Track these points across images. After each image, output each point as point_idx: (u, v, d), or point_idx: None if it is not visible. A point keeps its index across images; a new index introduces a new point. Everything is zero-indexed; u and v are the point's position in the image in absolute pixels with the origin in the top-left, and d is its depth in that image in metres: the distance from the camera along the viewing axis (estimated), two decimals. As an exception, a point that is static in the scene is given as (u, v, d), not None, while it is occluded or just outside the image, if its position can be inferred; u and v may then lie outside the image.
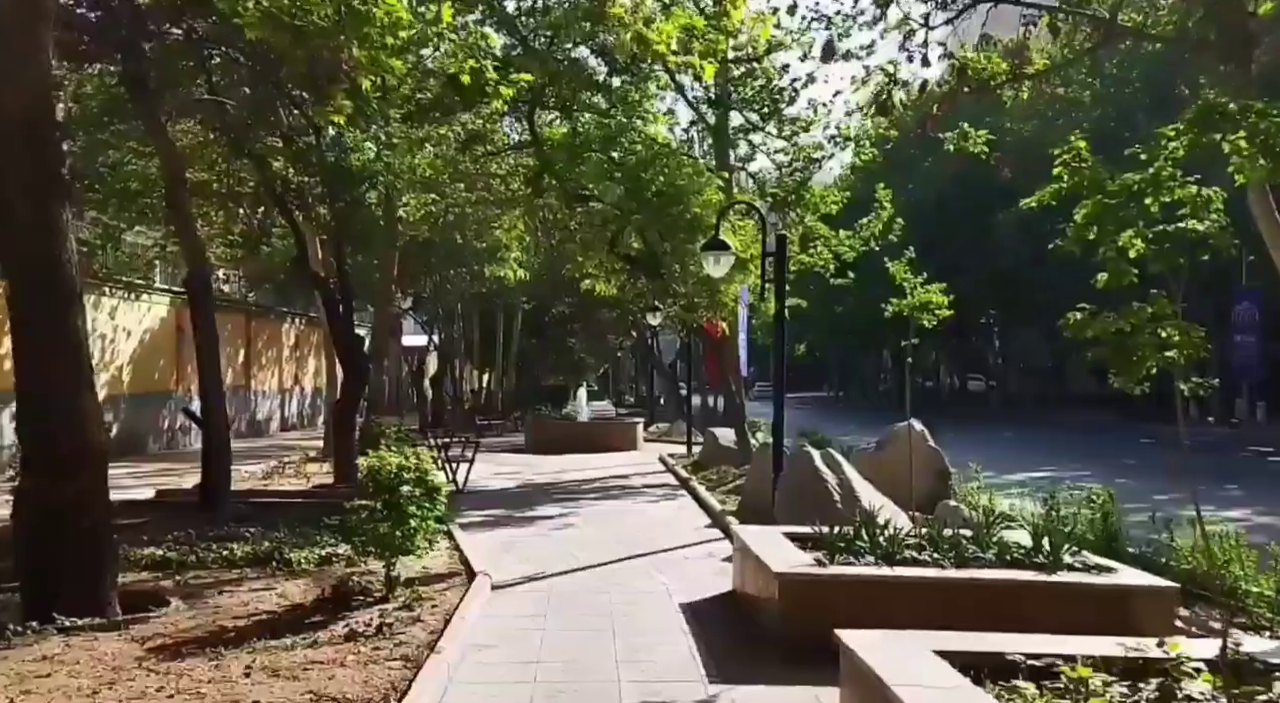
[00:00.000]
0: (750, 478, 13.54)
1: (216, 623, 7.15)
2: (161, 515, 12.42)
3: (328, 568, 9.03)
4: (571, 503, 14.47)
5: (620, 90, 15.86)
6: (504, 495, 15.48)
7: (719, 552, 10.48)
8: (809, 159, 20.55)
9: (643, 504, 14.50)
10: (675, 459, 20.09)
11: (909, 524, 10.54)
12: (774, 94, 19.06)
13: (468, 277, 27.58)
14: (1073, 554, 6.97)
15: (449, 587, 8.43)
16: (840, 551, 7.18)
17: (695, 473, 17.27)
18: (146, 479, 16.89)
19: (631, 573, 9.31)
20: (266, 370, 31.42)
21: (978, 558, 7.00)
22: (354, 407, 15.66)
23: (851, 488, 10.50)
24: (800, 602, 6.68)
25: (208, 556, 9.41)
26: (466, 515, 13.06)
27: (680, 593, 8.45)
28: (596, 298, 31.17)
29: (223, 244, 22.34)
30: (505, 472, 18.98)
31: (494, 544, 10.82)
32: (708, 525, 12.35)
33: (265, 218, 20.07)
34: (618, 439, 24.41)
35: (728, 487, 15.45)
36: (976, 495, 13.10)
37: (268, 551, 9.48)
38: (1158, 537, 9.04)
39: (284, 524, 10.93)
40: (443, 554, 9.88)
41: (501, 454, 23.11)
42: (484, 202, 23.10)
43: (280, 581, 8.61)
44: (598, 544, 10.88)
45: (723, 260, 12.26)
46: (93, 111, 14.46)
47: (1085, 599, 6.50)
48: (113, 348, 22.03)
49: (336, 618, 7.30)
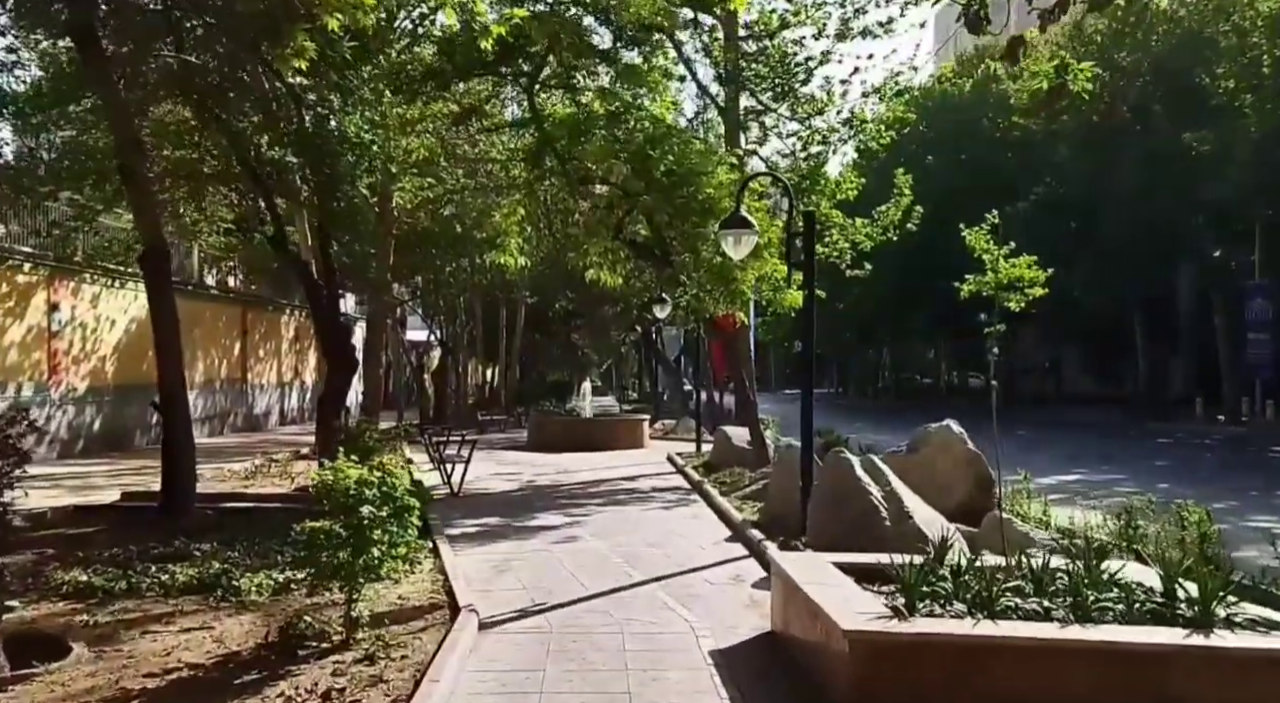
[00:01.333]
0: (773, 484, 11.73)
1: (120, 683, 5.35)
2: (116, 524, 10.70)
3: (283, 599, 7.23)
4: (576, 510, 12.65)
5: (626, 62, 14.03)
6: (502, 500, 13.67)
7: (747, 574, 8.68)
8: (824, 142, 18.74)
9: (654, 511, 12.69)
10: (684, 459, 18.26)
11: (963, 544, 8.78)
12: (789, 70, 17.21)
13: (468, 267, 25.71)
14: (1227, 605, 5.16)
15: (427, 626, 6.62)
16: (921, 594, 5.37)
17: (708, 475, 15.45)
18: (121, 478, 15.10)
19: (647, 604, 7.50)
20: (264, 363, 29.59)
21: (1100, 608, 5.19)
22: (339, 402, 13.89)
23: (900, 502, 8.69)
24: (878, 668, 4.88)
25: (143, 581, 7.60)
26: (459, 524, 11.25)
27: (708, 634, 6.64)
28: (600, 292, 29.52)
29: (215, 232, 20.52)
30: (505, 472, 17.16)
31: (486, 564, 9.01)
32: (728, 539, 10.53)
33: (258, 202, 18.22)
34: (623, 437, 22.56)
35: (744, 491, 13.64)
36: (1025, 505, 11.30)
37: (215, 575, 7.67)
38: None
39: (247, 536, 9.16)
40: (425, 579, 8.07)
41: (503, 452, 21.30)
42: (483, 188, 21.30)
43: (222, 617, 6.81)
44: (606, 564, 9.07)
45: (744, 240, 10.41)
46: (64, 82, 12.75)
47: (1264, 671, 4.69)
48: (95, 338, 20.20)
49: (278, 674, 5.51)
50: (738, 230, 10.26)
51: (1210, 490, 14.55)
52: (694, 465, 17.09)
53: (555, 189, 16.92)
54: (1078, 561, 6.00)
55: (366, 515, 6.03)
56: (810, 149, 18.87)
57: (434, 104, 16.58)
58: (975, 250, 6.41)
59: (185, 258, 24.93)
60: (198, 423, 24.80)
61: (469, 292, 31.32)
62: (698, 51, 18.63)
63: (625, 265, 17.70)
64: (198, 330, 24.95)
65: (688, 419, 29.26)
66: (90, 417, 19.96)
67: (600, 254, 17.02)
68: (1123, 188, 30.95)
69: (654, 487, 15.17)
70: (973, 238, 6.53)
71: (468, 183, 21.50)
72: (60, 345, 19.14)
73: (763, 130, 19.08)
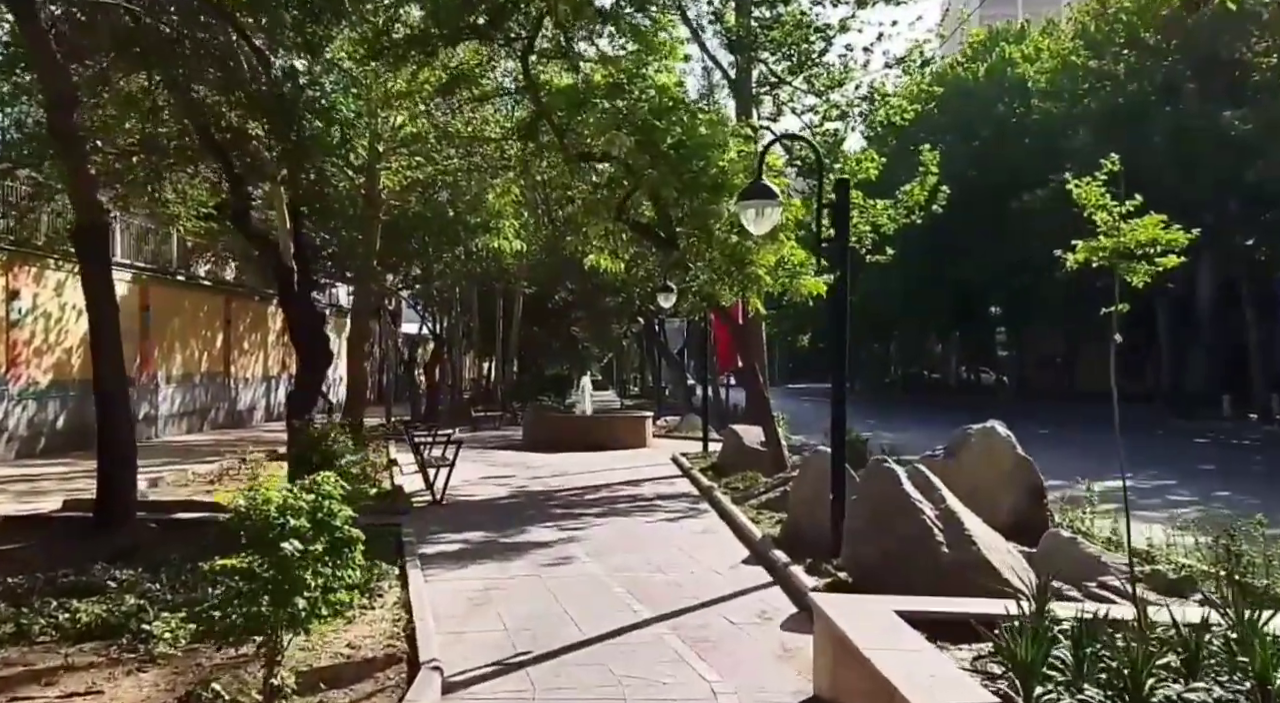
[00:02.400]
0: (795, 494, 10.22)
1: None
2: (45, 539, 9.30)
3: (203, 648, 5.75)
4: (572, 521, 11.19)
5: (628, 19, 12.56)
6: (490, 509, 12.23)
7: (773, 608, 7.23)
8: (842, 117, 17.26)
9: (659, 524, 11.23)
10: (691, 461, 16.77)
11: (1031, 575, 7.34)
12: (806, 35, 15.71)
13: (462, 254, 24.20)
14: None
15: (376, 690, 5.18)
16: (1035, 674, 3.91)
17: (717, 480, 13.97)
18: (75, 483, 13.66)
19: (654, 653, 6.05)
20: (249, 356, 28.16)
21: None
22: (310, 400, 12.45)
23: (959, 524, 7.22)
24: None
25: (36, 623, 6.15)
26: (437, 540, 9.81)
27: (733, 699, 5.19)
28: (601, 282, 28.03)
29: (193, 216, 19.01)
30: (497, 474, 15.69)
31: (463, 594, 7.55)
32: (746, 560, 9.06)
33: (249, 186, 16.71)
34: (625, 435, 21.06)
35: (759, 499, 12.18)
36: (1087, 520, 9.82)
37: (126, 614, 6.23)
38: None
39: (182, 557, 7.70)
40: (386, 616, 6.62)
41: (496, 451, 19.84)
42: (477, 169, 19.80)
43: (119, 674, 5.38)
44: (605, 595, 7.61)
45: (767, 213, 8.92)
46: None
47: None
48: (59, 329, 18.74)
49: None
50: (760, 201, 8.77)
51: (1267, 497, 13.04)
52: (701, 468, 15.63)
53: (552, 165, 15.45)
54: (1226, 611, 4.52)
55: (291, 552, 4.58)
56: (827, 125, 17.38)
57: (421, 72, 15.12)
58: (1086, 205, 4.92)
59: (162, 244, 23.50)
60: (174, 419, 23.53)
61: (464, 281, 29.82)
62: (706, 18, 17.09)
63: (628, 250, 16.23)
64: (176, 320, 23.55)
65: (692, 416, 27.80)
66: (54, 413, 18.53)
67: (601, 237, 15.55)
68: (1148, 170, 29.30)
69: (659, 493, 13.70)
70: (1084, 190, 5.04)
71: (461, 164, 20.01)
72: (20, 336, 17.70)
73: (776, 105, 17.58)
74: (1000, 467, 10.27)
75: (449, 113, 18.54)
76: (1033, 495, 10.15)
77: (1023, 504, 10.04)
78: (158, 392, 22.39)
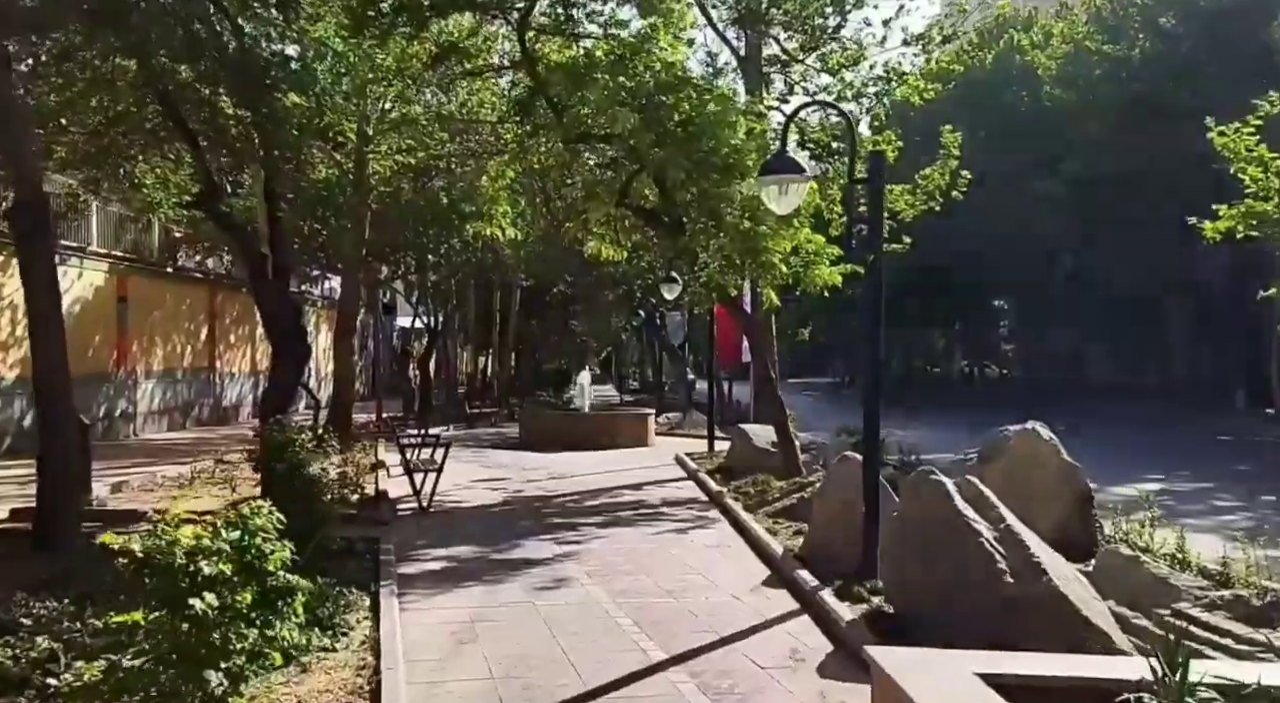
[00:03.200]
0: (819, 505, 9.12)
1: None
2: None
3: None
4: (570, 533, 10.10)
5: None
6: (481, 518, 11.14)
7: (806, 647, 6.15)
8: (858, 97, 16.17)
9: (667, 536, 10.15)
10: (697, 462, 15.67)
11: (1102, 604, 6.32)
12: (821, 9, 14.62)
13: (457, 245, 23.03)
14: None
15: (325, 769, 4.11)
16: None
17: (726, 484, 12.89)
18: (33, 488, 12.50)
19: (670, 710, 4.98)
20: (236, 350, 27.05)
21: None
22: (285, 398, 11.36)
23: (1024, 548, 6.12)
24: None
25: (-77, 673, 5.07)
26: (419, 557, 8.74)
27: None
28: (600, 274, 26.91)
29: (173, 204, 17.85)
30: (490, 477, 14.57)
31: (444, 628, 6.46)
32: (767, 581, 7.99)
33: (227, 171, 15.57)
34: (626, 433, 19.94)
35: (774, 506, 11.11)
36: (1145, 534, 8.72)
37: (34, 663, 5.14)
38: None
39: (118, 589, 6.58)
40: (350, 661, 5.54)
41: (491, 451, 18.73)
42: (472, 153, 18.69)
43: (7, 749, 4.30)
44: (608, 628, 6.53)
45: (792, 189, 7.82)
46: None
47: None
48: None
49: None
50: (784, 176, 7.67)
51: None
52: (708, 470, 14.55)
53: (549, 149, 14.34)
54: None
55: (203, 611, 3.50)
56: (842, 106, 16.27)
57: (411, 46, 14.02)
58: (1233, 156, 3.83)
59: (144, 233, 22.35)
60: (154, 415, 22.38)
61: (460, 273, 28.66)
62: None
63: (630, 237, 15.11)
64: (157, 313, 22.40)
65: (693, 413, 26.68)
66: (20, 410, 17.37)
67: (602, 224, 14.45)
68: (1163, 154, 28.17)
69: (664, 499, 12.60)
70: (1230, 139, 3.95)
71: (454, 148, 18.87)
72: (-18, 328, 16.59)
73: (788, 84, 16.47)
74: (1044, 474, 9.26)
75: (441, 92, 17.44)
76: (1081, 505, 9.13)
77: (1070, 515, 9.04)
78: (136, 387, 21.25)
